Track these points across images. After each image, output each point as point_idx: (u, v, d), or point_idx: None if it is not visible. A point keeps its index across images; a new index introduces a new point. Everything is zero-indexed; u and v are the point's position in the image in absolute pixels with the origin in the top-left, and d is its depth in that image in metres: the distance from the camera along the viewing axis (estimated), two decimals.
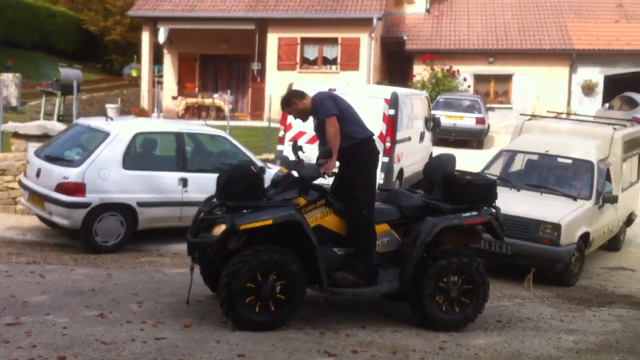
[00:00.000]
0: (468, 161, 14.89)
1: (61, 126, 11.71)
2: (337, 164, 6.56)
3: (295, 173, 6.48)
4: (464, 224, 6.87)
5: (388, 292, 6.73)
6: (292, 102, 6.71)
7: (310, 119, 6.74)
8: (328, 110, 6.46)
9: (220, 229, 6.06)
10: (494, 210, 7.02)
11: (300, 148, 6.73)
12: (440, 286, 6.64)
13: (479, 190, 6.91)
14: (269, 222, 6.04)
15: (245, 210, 6.09)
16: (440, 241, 6.85)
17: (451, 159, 7.18)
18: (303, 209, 6.31)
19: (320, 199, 6.48)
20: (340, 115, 6.47)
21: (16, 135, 11.57)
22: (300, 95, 6.75)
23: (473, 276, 6.73)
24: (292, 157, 6.83)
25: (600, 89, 27.34)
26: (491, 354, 6.06)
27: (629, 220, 11.85)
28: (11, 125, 11.98)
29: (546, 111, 16.22)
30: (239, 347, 5.55)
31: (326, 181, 6.69)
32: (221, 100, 26.66)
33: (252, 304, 6.05)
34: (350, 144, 6.49)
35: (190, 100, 27.30)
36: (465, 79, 27.66)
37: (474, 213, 6.85)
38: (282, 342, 5.83)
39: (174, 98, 27.71)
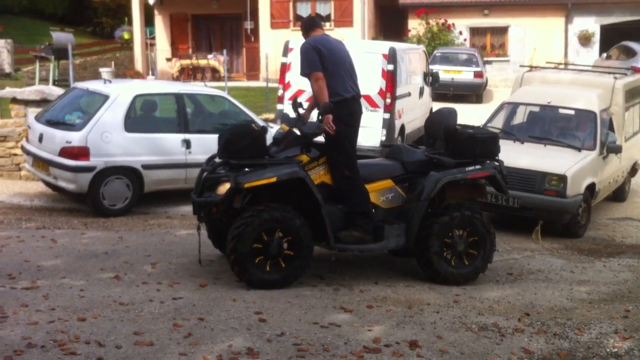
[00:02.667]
0: (468, 115, 14.86)
1: (59, 90, 11.61)
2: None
3: (296, 130, 6.43)
4: (468, 178, 6.86)
5: (395, 248, 6.75)
6: (316, 29, 6.59)
7: None
8: (310, 67, 6.33)
9: (224, 188, 6.04)
10: (497, 164, 7.01)
11: (301, 105, 6.67)
12: (446, 242, 6.65)
13: (482, 143, 6.89)
14: (273, 179, 6.04)
15: (248, 169, 6.07)
16: (444, 196, 6.85)
17: (452, 113, 7.14)
18: (306, 167, 6.29)
19: (323, 156, 6.44)
20: (323, 70, 6.32)
21: (15, 100, 11.47)
22: (321, 27, 6.69)
23: (477, 228, 6.73)
24: (292, 115, 6.77)
25: (596, 39, 27.20)
26: (505, 306, 6.12)
27: (633, 170, 11.88)
28: (9, 91, 11.85)
29: (545, 62, 16.13)
30: (256, 305, 5.59)
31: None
32: (216, 61, 26.43)
33: (262, 263, 6.08)
34: (331, 102, 6.31)
35: (185, 61, 27.05)
36: (460, 33, 27.44)
37: (478, 167, 6.83)
38: (297, 299, 5.88)
39: (168, 60, 27.46)
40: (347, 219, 6.48)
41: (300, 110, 6.63)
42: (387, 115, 12.07)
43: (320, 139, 6.52)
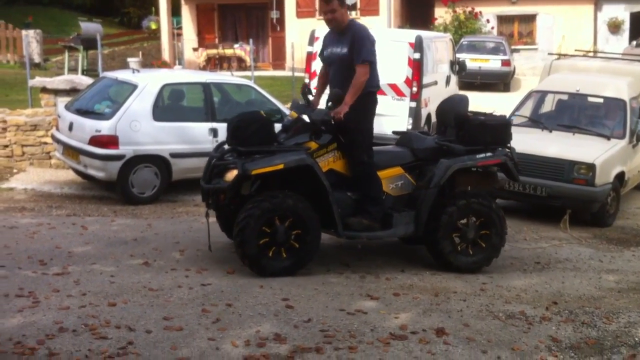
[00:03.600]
0: (495, 104, 14.80)
1: (88, 80, 11.74)
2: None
3: (305, 117, 6.40)
4: (479, 166, 6.81)
5: (404, 236, 6.72)
6: (335, 1, 6.32)
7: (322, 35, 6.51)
8: (372, 56, 6.26)
9: (232, 175, 6.03)
10: (508, 151, 6.92)
11: (310, 92, 6.65)
12: (456, 236, 6.62)
13: (493, 130, 6.80)
14: (281, 166, 6.00)
15: (256, 155, 6.06)
16: (455, 183, 6.78)
17: (464, 100, 7.09)
18: (315, 153, 6.24)
19: (332, 143, 6.39)
20: None
21: (45, 90, 11.62)
22: (345, 3, 6.47)
23: (479, 210, 6.64)
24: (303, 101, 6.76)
25: (626, 26, 26.82)
26: (532, 295, 6.10)
27: None
28: (39, 81, 12.02)
29: (574, 50, 15.96)
30: (283, 292, 5.63)
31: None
32: (242, 50, 26.49)
33: (277, 252, 6.09)
34: (364, 93, 6.29)
35: (211, 51, 27.14)
36: (488, 21, 27.21)
37: (489, 154, 6.75)
38: (324, 286, 5.90)
39: (195, 50, 27.57)
40: (356, 206, 6.45)
41: (310, 97, 6.62)
42: (413, 104, 12.06)
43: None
